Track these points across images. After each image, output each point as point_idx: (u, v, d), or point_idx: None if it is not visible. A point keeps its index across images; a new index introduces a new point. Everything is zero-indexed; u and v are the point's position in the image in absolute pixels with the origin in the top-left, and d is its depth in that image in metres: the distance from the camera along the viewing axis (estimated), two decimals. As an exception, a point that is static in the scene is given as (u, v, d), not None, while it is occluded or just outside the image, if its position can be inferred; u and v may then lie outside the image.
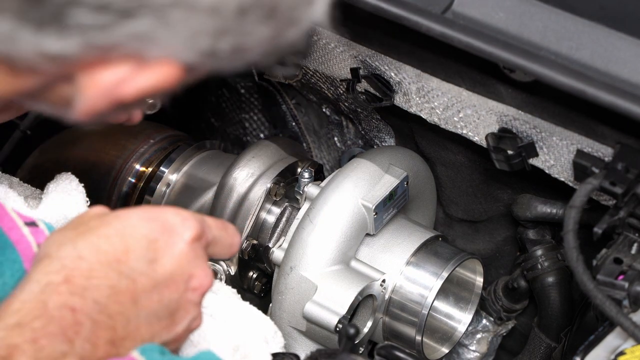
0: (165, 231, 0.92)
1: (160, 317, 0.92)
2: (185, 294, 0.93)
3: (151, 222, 0.88)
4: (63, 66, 0.76)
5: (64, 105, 0.82)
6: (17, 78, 0.78)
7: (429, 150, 1.53)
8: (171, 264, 0.92)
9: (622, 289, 1.07)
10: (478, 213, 1.57)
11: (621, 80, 1.04)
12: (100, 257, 0.86)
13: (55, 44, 0.73)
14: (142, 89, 0.77)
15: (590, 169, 1.13)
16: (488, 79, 1.18)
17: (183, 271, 0.93)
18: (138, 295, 0.88)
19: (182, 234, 0.93)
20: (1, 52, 0.74)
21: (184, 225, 0.93)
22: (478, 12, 1.11)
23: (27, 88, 0.80)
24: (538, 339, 1.49)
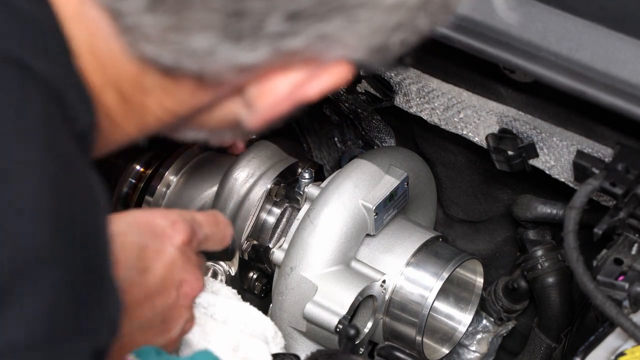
0: (156, 237, 0.91)
1: (153, 324, 0.92)
2: (177, 300, 0.93)
3: (140, 227, 0.86)
4: (248, 76, 0.73)
5: (227, 125, 0.79)
6: (199, 92, 0.75)
7: (429, 150, 1.53)
8: (162, 271, 0.91)
9: (622, 290, 1.07)
10: (478, 213, 1.57)
11: (621, 81, 1.04)
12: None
13: (249, 56, 0.70)
14: (319, 92, 0.75)
15: (590, 170, 1.13)
16: (488, 80, 1.18)
17: (174, 277, 0.92)
18: (130, 306, 0.86)
19: (173, 239, 0.92)
20: (198, 67, 0.71)
21: (174, 230, 0.92)
22: (478, 12, 1.11)
23: (201, 103, 0.77)
24: (538, 339, 1.49)
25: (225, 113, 0.79)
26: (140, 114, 0.76)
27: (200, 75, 0.72)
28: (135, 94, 0.74)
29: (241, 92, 0.76)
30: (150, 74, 0.73)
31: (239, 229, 1.42)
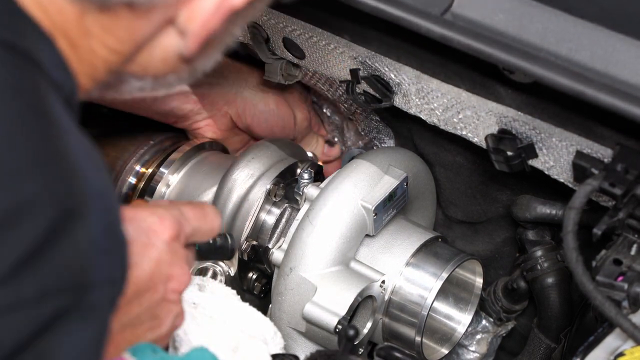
0: (142, 233, 0.92)
1: (142, 320, 0.93)
2: (165, 295, 0.94)
3: (127, 224, 0.88)
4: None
5: (168, 65, 0.85)
6: (134, 23, 0.81)
7: (428, 151, 1.53)
8: (150, 268, 0.92)
9: (622, 290, 1.07)
10: (477, 214, 1.57)
11: (621, 82, 1.04)
12: None
13: None
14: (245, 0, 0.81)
15: (589, 170, 1.13)
16: (488, 80, 1.18)
17: (161, 273, 0.93)
18: (119, 302, 0.85)
19: (160, 235, 0.93)
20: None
21: (162, 225, 0.93)
22: (477, 13, 1.11)
23: (140, 36, 0.82)
24: (538, 339, 1.49)
25: (164, 50, 0.85)
26: (90, 61, 0.82)
27: (131, 2, 0.79)
28: (81, 38, 0.80)
29: (173, 23, 0.82)
30: (89, 14, 0.79)
31: (239, 230, 1.42)
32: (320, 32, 1.32)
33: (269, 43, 1.43)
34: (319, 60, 1.38)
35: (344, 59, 1.34)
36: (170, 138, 1.58)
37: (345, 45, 1.31)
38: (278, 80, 1.47)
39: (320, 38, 1.33)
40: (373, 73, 1.31)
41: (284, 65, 1.47)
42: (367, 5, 1.13)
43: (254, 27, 1.42)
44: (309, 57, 1.39)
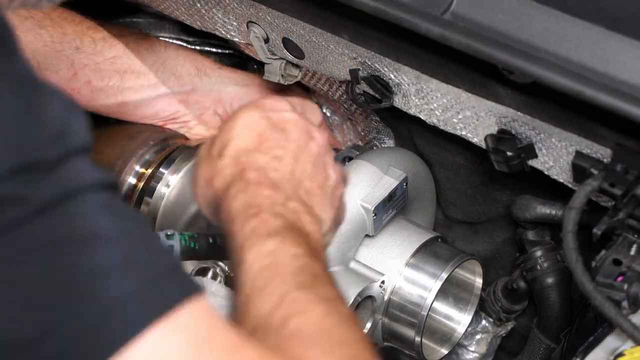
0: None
1: (316, 166, 1.13)
2: (319, 150, 1.14)
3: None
4: None
5: None
6: None
7: (427, 151, 1.53)
8: (297, 132, 1.14)
9: (621, 290, 1.07)
10: (477, 214, 1.57)
11: (620, 82, 1.04)
12: (248, 145, 1.10)
13: None
14: None
15: (589, 171, 1.13)
16: (487, 81, 1.18)
17: (306, 131, 1.15)
18: (297, 155, 1.12)
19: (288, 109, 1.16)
20: None
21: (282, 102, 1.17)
22: (477, 13, 1.11)
23: None
24: (537, 339, 1.49)
25: None
26: None
27: None
28: None
29: None
30: None
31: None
32: (320, 32, 1.32)
33: (269, 43, 1.43)
34: (318, 60, 1.38)
35: (343, 59, 1.34)
36: (170, 138, 1.59)
37: (344, 46, 1.31)
38: (277, 80, 1.47)
39: (320, 38, 1.33)
40: (373, 73, 1.31)
41: (284, 66, 1.47)
42: (367, 5, 1.13)
43: (254, 27, 1.42)
44: (309, 57, 1.39)
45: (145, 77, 1.58)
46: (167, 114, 1.59)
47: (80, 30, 1.54)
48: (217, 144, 1.13)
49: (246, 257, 0.99)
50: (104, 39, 1.55)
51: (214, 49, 1.71)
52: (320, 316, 0.92)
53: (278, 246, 0.99)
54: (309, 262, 0.99)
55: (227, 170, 1.10)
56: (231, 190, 1.08)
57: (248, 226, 1.02)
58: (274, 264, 0.97)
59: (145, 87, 1.57)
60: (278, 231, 1.01)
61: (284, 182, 1.09)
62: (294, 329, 0.90)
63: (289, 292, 0.93)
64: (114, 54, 1.55)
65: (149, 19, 1.73)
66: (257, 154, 1.10)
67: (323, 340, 0.90)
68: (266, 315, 0.92)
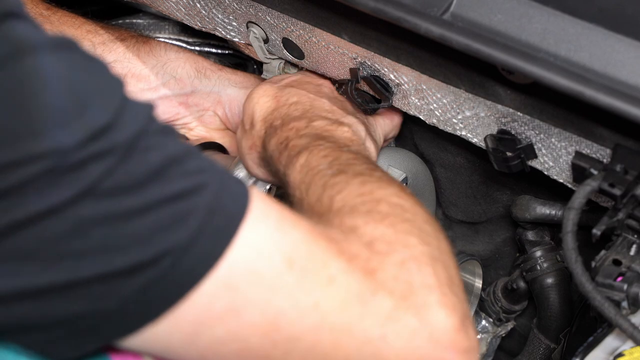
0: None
1: (331, 100, 1.34)
2: (330, 91, 1.38)
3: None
4: None
5: None
6: None
7: (428, 151, 1.53)
8: (305, 83, 1.38)
9: (621, 291, 1.07)
10: (477, 214, 1.57)
11: (620, 82, 1.04)
12: (268, 106, 1.32)
13: None
14: None
15: (589, 171, 1.13)
16: (487, 81, 1.18)
17: (313, 82, 1.40)
18: (311, 96, 1.32)
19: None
20: None
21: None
22: (477, 14, 1.11)
23: None
24: (537, 340, 1.49)
25: None
26: None
27: None
28: None
29: None
30: None
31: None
32: (319, 33, 1.32)
33: (268, 43, 1.43)
34: (318, 60, 1.38)
35: (343, 60, 1.34)
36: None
37: (344, 46, 1.31)
38: (277, 80, 1.47)
39: (319, 38, 1.33)
40: (372, 73, 1.31)
41: (282, 65, 1.47)
42: (366, 5, 1.13)
43: (253, 28, 1.42)
44: (309, 57, 1.39)
45: (145, 80, 1.58)
46: (168, 116, 1.59)
47: (80, 34, 1.55)
48: (246, 120, 1.34)
49: (289, 179, 1.16)
50: (104, 43, 1.56)
51: (214, 50, 1.71)
52: (357, 186, 1.06)
53: (308, 157, 1.16)
54: (338, 154, 1.15)
55: (261, 131, 1.30)
56: (266, 140, 1.27)
57: (283, 157, 1.20)
58: (309, 170, 1.13)
59: (146, 90, 1.58)
60: (305, 147, 1.18)
61: (304, 114, 1.28)
62: (339, 205, 1.03)
63: (327, 181, 1.08)
64: (114, 58, 1.56)
65: (148, 20, 1.73)
66: (277, 110, 1.30)
67: (366, 204, 1.02)
68: (315, 202, 1.07)
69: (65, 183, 0.78)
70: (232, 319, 0.87)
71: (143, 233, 0.82)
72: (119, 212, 0.81)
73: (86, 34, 1.56)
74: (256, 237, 0.88)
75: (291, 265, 0.89)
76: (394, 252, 0.97)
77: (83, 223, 0.79)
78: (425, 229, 1.03)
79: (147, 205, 0.82)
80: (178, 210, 0.84)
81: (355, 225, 0.99)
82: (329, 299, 0.90)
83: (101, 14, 1.69)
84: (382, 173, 1.13)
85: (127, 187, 0.81)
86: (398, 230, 1.00)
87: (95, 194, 0.80)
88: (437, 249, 1.01)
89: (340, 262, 0.92)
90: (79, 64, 0.83)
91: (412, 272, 0.95)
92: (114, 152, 0.81)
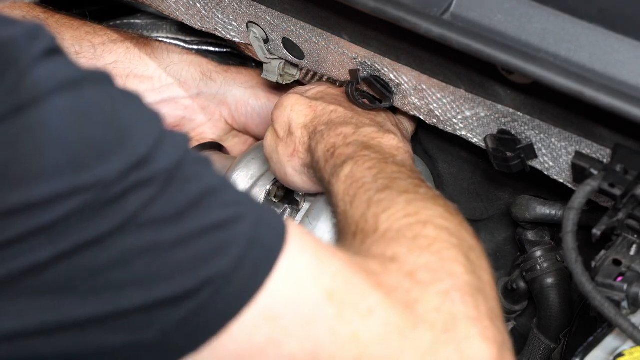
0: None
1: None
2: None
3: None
4: None
5: None
6: None
7: (431, 147, 1.53)
8: (334, 93, 1.38)
9: (621, 291, 1.07)
10: (479, 212, 1.57)
11: (620, 82, 1.04)
12: (306, 114, 1.31)
13: None
14: None
15: (589, 171, 1.13)
16: (487, 81, 1.18)
17: (340, 92, 1.38)
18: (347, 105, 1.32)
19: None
20: None
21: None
22: (477, 14, 1.11)
23: None
24: (537, 340, 1.49)
25: None
26: None
27: None
28: None
29: None
30: None
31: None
32: (319, 33, 1.32)
33: (268, 43, 1.43)
34: (318, 60, 1.38)
35: (343, 60, 1.34)
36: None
37: (344, 46, 1.31)
38: (276, 80, 1.47)
39: (319, 38, 1.33)
40: (372, 73, 1.31)
41: (282, 65, 1.47)
42: (366, 5, 1.13)
43: (253, 28, 1.42)
44: (309, 57, 1.39)
45: (148, 82, 1.57)
46: (174, 120, 1.58)
47: (79, 36, 1.54)
48: (279, 128, 1.32)
49: (333, 188, 1.16)
50: (104, 44, 1.55)
51: (212, 48, 1.70)
52: (403, 205, 1.05)
53: (353, 167, 1.15)
54: (384, 167, 1.14)
55: (304, 137, 1.28)
56: (312, 146, 1.25)
57: (329, 165, 1.20)
58: (354, 182, 1.13)
59: (149, 92, 1.57)
60: (351, 156, 1.17)
61: (349, 120, 1.27)
62: (385, 226, 1.03)
63: (372, 196, 1.08)
64: (114, 59, 1.55)
65: (146, 20, 1.72)
66: (317, 118, 1.29)
67: (412, 227, 1.02)
68: (359, 218, 1.07)
69: (108, 214, 0.79)
70: (271, 350, 0.87)
71: (184, 263, 0.82)
72: (160, 242, 0.81)
73: (85, 35, 1.55)
74: (295, 268, 0.88)
75: (330, 297, 0.89)
76: (438, 281, 0.96)
77: (125, 253, 0.80)
78: (471, 256, 1.02)
79: (187, 235, 0.82)
80: (218, 240, 0.84)
81: (398, 254, 0.98)
82: (368, 331, 0.90)
83: (100, 14, 1.69)
84: (427, 189, 1.12)
85: (168, 217, 0.82)
86: (443, 257, 0.99)
87: (137, 224, 0.80)
88: (480, 279, 1.00)
89: (378, 294, 0.92)
90: (117, 96, 0.83)
91: (455, 303, 0.95)
92: (154, 182, 0.81)
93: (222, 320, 0.84)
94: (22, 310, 0.78)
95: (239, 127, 1.61)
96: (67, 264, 0.78)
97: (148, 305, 0.81)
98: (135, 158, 0.80)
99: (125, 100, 0.84)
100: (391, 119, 1.35)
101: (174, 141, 0.85)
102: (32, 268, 0.77)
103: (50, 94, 0.77)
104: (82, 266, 0.79)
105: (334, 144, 1.22)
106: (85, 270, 0.79)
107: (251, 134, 1.63)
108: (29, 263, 0.77)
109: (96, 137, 0.79)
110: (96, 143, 0.79)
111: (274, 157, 1.33)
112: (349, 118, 1.28)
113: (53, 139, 0.77)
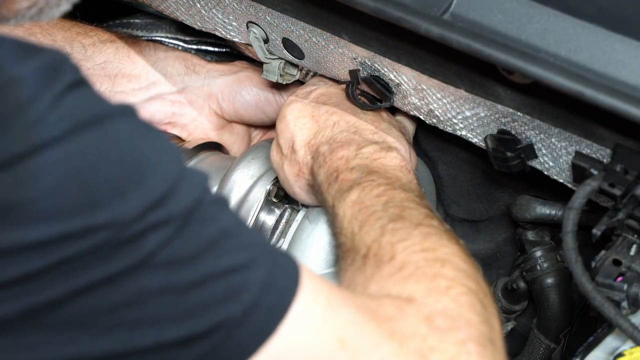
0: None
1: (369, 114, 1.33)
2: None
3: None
4: None
5: None
6: None
7: (430, 148, 1.53)
8: (337, 97, 1.35)
9: (621, 291, 1.07)
10: (479, 213, 1.57)
11: (620, 82, 1.04)
12: (309, 129, 1.31)
13: None
14: None
15: (589, 171, 1.13)
16: (487, 81, 1.18)
17: (343, 94, 1.36)
18: (349, 113, 1.31)
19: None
20: None
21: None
22: (477, 14, 1.11)
23: None
24: (537, 340, 1.49)
25: None
26: None
27: None
28: None
29: None
30: None
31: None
32: (320, 32, 1.32)
33: (268, 43, 1.43)
34: (318, 60, 1.38)
35: (343, 60, 1.34)
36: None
37: (344, 46, 1.31)
38: (276, 80, 1.47)
39: (319, 38, 1.33)
40: (372, 73, 1.31)
41: (282, 65, 1.47)
42: (366, 5, 1.13)
43: (253, 28, 1.42)
44: (309, 57, 1.39)
45: (136, 80, 1.57)
46: (163, 116, 1.59)
47: (69, 37, 1.54)
48: (284, 144, 1.32)
49: (338, 211, 1.15)
50: (94, 45, 1.55)
51: (211, 48, 1.70)
52: (420, 238, 1.05)
53: (360, 194, 1.14)
54: (393, 194, 1.14)
55: (307, 157, 1.29)
56: (314, 169, 1.26)
57: (332, 190, 1.19)
58: (362, 208, 1.12)
59: (137, 90, 1.57)
60: (357, 182, 1.17)
61: (351, 137, 1.26)
62: (402, 257, 1.02)
63: (386, 225, 1.07)
64: (104, 59, 1.55)
65: (145, 20, 1.72)
66: (320, 132, 1.29)
67: (430, 264, 1.01)
68: (372, 243, 1.06)
69: (124, 253, 0.79)
70: None
71: (198, 305, 0.82)
72: (174, 284, 0.81)
73: (76, 35, 1.55)
74: (308, 314, 0.88)
75: (343, 345, 0.89)
76: (456, 329, 0.96)
77: (139, 293, 0.80)
78: (486, 303, 1.02)
79: (202, 278, 0.83)
80: (232, 284, 0.84)
81: (415, 295, 0.98)
82: None
83: (100, 14, 1.69)
84: (438, 221, 1.11)
85: (183, 258, 0.82)
86: (461, 304, 0.99)
87: (152, 265, 0.80)
88: (493, 328, 1.00)
89: (391, 344, 0.91)
90: (138, 131, 0.83)
91: (471, 355, 0.94)
92: (171, 223, 0.81)
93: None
94: (39, 345, 0.78)
95: (231, 117, 1.61)
96: (82, 301, 0.78)
97: (160, 345, 0.81)
98: (154, 197, 0.80)
99: (147, 135, 0.83)
100: (394, 123, 1.35)
101: (193, 180, 0.84)
102: (48, 304, 0.77)
103: (71, 132, 0.77)
104: (97, 304, 0.79)
105: (337, 168, 1.22)
106: (100, 308, 0.79)
107: (245, 121, 1.63)
108: (45, 299, 0.77)
109: (114, 175, 0.78)
110: (114, 181, 0.78)
111: (281, 174, 1.35)
112: (352, 134, 1.27)
113: (71, 176, 0.76)
